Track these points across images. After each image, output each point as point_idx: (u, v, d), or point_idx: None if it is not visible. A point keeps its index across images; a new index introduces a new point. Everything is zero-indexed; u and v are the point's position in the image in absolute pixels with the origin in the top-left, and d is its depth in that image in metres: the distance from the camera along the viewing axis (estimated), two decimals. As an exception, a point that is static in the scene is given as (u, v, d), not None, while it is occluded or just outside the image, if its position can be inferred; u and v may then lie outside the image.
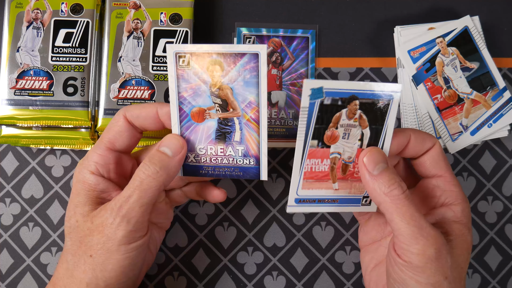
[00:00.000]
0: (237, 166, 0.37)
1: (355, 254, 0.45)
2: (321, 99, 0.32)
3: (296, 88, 0.47)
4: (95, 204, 0.34)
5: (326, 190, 0.35)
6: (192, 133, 0.36)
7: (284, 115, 0.46)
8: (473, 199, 0.46)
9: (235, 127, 0.36)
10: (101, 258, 0.33)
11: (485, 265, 0.45)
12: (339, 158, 0.34)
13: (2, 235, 0.45)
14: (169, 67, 0.34)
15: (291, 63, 0.47)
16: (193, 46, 0.33)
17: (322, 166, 0.35)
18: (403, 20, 0.48)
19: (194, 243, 0.45)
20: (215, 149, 0.36)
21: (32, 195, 0.45)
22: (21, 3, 0.44)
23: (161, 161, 0.33)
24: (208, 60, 0.33)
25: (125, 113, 0.35)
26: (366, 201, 0.36)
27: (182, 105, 0.35)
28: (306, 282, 0.45)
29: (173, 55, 0.34)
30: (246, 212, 0.46)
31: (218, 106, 0.35)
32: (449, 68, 0.45)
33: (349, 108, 0.33)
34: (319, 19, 0.48)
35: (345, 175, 0.35)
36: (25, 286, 0.44)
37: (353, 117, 0.33)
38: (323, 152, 0.34)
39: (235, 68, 0.34)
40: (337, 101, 0.32)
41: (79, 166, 0.35)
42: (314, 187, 0.35)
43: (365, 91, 0.32)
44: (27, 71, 0.43)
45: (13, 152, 0.46)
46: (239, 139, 0.36)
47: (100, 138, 0.36)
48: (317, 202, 0.36)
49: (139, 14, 0.44)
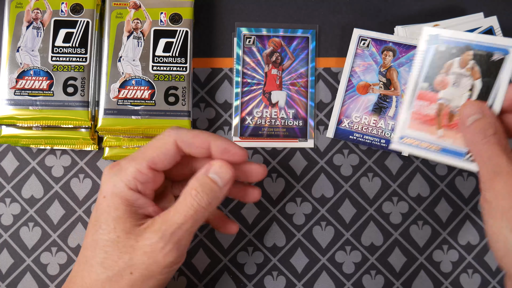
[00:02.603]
0: (383, 138, 0.43)
1: (355, 254, 0.45)
2: (436, 45, 0.34)
3: (296, 88, 0.47)
4: (135, 220, 0.33)
5: (431, 135, 0.35)
6: (353, 102, 0.44)
7: (284, 115, 0.46)
8: (473, 199, 0.46)
9: (392, 104, 0.44)
10: (142, 277, 0.32)
11: (485, 265, 0.45)
12: (446, 105, 0.35)
13: (2, 235, 0.45)
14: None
15: (291, 63, 0.47)
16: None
17: (430, 110, 0.35)
18: (403, 20, 0.48)
19: (194, 243, 0.45)
20: (369, 119, 0.42)
21: (32, 195, 0.45)
22: (21, 3, 0.44)
23: (212, 191, 0.33)
24: (384, 46, 0.44)
25: (177, 138, 0.34)
26: (470, 156, 0.35)
27: (351, 77, 0.44)
28: (306, 282, 0.45)
29: (357, 37, 0.45)
30: (246, 212, 0.46)
31: (382, 84, 0.43)
32: None
33: (462, 57, 0.34)
34: (319, 19, 0.48)
35: (450, 124, 0.35)
36: (25, 286, 0.44)
37: (465, 67, 0.34)
38: (431, 96, 0.35)
39: (404, 57, 0.44)
40: (451, 49, 0.34)
41: (113, 177, 0.34)
42: (420, 129, 0.36)
43: (481, 42, 0.33)
44: (27, 71, 0.43)
45: (13, 152, 0.46)
46: (392, 115, 0.43)
47: (143, 153, 0.34)
48: (420, 145, 0.36)
49: (139, 14, 0.44)
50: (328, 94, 0.47)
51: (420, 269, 0.45)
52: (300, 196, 0.46)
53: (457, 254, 0.46)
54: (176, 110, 0.43)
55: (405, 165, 0.47)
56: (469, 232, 0.46)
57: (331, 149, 0.47)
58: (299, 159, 0.46)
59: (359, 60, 0.45)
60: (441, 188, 0.46)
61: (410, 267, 0.45)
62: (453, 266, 0.45)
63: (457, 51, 0.34)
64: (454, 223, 0.46)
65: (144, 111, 0.43)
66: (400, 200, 0.46)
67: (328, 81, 0.47)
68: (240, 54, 0.47)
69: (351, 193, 0.46)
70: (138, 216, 0.34)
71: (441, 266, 0.45)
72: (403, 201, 0.46)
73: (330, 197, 0.46)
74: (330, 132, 0.46)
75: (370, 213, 0.46)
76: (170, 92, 0.43)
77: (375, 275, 0.45)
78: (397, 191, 0.46)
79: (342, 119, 0.45)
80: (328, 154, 0.46)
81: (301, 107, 0.46)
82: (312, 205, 0.46)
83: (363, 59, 0.45)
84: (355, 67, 0.45)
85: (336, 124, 0.45)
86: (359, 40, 0.45)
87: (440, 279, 0.45)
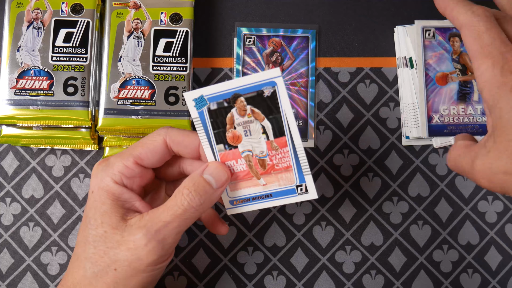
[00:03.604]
0: (477, 123, 0.43)
1: (355, 254, 0.45)
2: (207, 106, 0.33)
3: (296, 88, 0.47)
4: (121, 214, 0.33)
5: (255, 188, 0.35)
6: (436, 96, 0.43)
7: (284, 115, 0.46)
8: (473, 199, 0.46)
9: (474, 88, 0.44)
10: (126, 274, 0.32)
11: (485, 265, 0.45)
12: (252, 155, 0.34)
13: (3, 235, 0.45)
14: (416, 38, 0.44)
15: (291, 63, 0.47)
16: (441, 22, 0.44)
17: (240, 166, 0.35)
18: (403, 20, 0.48)
19: (194, 243, 0.45)
20: (457, 109, 0.42)
21: (32, 195, 0.45)
22: (22, 3, 0.44)
23: (206, 192, 0.33)
24: (449, 33, 0.44)
25: (166, 136, 0.35)
26: (301, 189, 0.35)
27: (427, 70, 0.43)
28: (306, 282, 0.45)
29: (421, 29, 0.44)
30: (247, 212, 0.46)
31: (458, 71, 0.43)
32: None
33: (237, 106, 0.33)
34: (319, 19, 0.49)
35: (266, 170, 0.35)
36: (25, 286, 0.44)
37: (245, 114, 0.33)
38: (233, 153, 0.34)
39: None
40: (223, 103, 0.33)
41: (101, 173, 0.34)
42: (243, 187, 0.35)
43: (245, 85, 0.32)
44: (27, 71, 0.43)
45: (13, 152, 0.46)
46: (477, 99, 0.43)
47: (131, 149, 0.35)
48: (251, 200, 0.35)
49: (139, 14, 0.44)
50: (328, 94, 0.47)
51: (420, 269, 0.45)
52: (300, 196, 0.46)
53: (457, 254, 0.46)
54: (176, 110, 0.43)
55: (405, 165, 0.47)
56: (469, 232, 0.46)
57: (331, 149, 0.47)
58: (299, 159, 0.46)
59: (430, 52, 0.44)
60: (441, 188, 0.46)
61: (410, 267, 0.45)
62: (453, 266, 0.45)
63: (228, 103, 0.33)
64: (454, 223, 0.46)
65: (144, 111, 0.43)
66: (400, 200, 0.46)
67: (328, 81, 0.47)
68: (240, 54, 0.47)
69: (351, 193, 0.46)
70: (125, 210, 0.34)
71: (441, 266, 0.45)
72: (403, 201, 0.46)
73: (330, 197, 0.46)
74: (422, 131, 0.44)
75: (370, 213, 0.46)
76: (170, 92, 0.43)
77: (375, 275, 0.45)
78: (397, 191, 0.46)
79: (431, 115, 0.43)
80: (328, 154, 0.46)
81: (301, 107, 0.46)
82: (312, 205, 0.46)
83: (433, 50, 0.44)
84: (428, 60, 0.44)
85: (427, 122, 0.44)
86: (423, 31, 0.44)
87: (440, 279, 0.45)
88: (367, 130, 0.47)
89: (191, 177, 0.33)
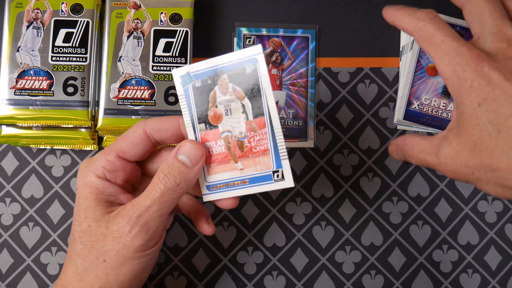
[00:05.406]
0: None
1: (355, 254, 0.45)
2: (192, 83, 0.33)
3: (296, 88, 0.47)
4: (105, 207, 0.34)
5: (232, 172, 0.35)
6: (423, 83, 0.43)
7: (284, 115, 0.46)
8: (473, 199, 0.46)
9: None
10: (115, 263, 0.33)
11: (485, 265, 0.46)
12: (231, 136, 0.34)
13: (2, 235, 0.45)
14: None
15: (291, 63, 0.47)
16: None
17: (219, 148, 0.34)
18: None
19: (194, 243, 0.45)
20: (439, 102, 0.42)
21: (32, 195, 0.45)
22: (21, 3, 0.44)
23: (181, 173, 0.33)
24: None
25: (145, 126, 0.35)
26: (277, 176, 0.34)
27: (420, 58, 0.43)
28: (306, 282, 0.45)
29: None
30: (246, 212, 0.46)
31: None
32: None
33: (220, 83, 0.33)
34: (319, 19, 0.49)
35: (244, 152, 0.34)
36: (25, 286, 0.44)
37: (227, 91, 0.33)
38: (213, 134, 0.34)
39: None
40: (207, 81, 0.33)
41: (84, 169, 0.35)
42: (220, 171, 0.35)
43: (228, 62, 0.33)
44: (27, 71, 0.43)
45: (13, 152, 0.46)
46: None
47: (112, 144, 0.35)
48: (227, 186, 0.35)
49: (139, 14, 0.44)
50: (328, 94, 0.47)
51: (420, 269, 0.45)
52: (300, 196, 0.46)
53: (457, 254, 0.46)
54: (176, 110, 0.43)
55: (405, 165, 0.47)
56: (469, 232, 0.46)
57: (331, 149, 0.47)
58: (299, 159, 0.46)
59: None
60: (441, 188, 0.46)
61: (410, 267, 0.45)
62: (453, 266, 0.45)
63: (212, 80, 0.33)
64: (454, 223, 0.46)
65: (144, 111, 0.43)
66: (400, 200, 0.46)
67: (328, 81, 0.47)
68: (240, 54, 0.47)
69: (351, 193, 0.46)
70: (109, 204, 0.34)
71: (441, 266, 0.45)
72: (403, 201, 0.46)
73: (330, 197, 0.46)
74: (399, 113, 0.45)
75: (370, 213, 0.46)
76: (170, 92, 0.43)
77: (375, 275, 0.45)
78: (397, 191, 0.46)
79: (412, 100, 0.44)
80: (328, 154, 0.46)
81: (301, 107, 0.46)
82: (312, 205, 0.46)
83: None
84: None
85: (406, 105, 0.44)
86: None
87: (440, 279, 0.45)
88: (367, 130, 0.47)
89: (166, 161, 0.34)
